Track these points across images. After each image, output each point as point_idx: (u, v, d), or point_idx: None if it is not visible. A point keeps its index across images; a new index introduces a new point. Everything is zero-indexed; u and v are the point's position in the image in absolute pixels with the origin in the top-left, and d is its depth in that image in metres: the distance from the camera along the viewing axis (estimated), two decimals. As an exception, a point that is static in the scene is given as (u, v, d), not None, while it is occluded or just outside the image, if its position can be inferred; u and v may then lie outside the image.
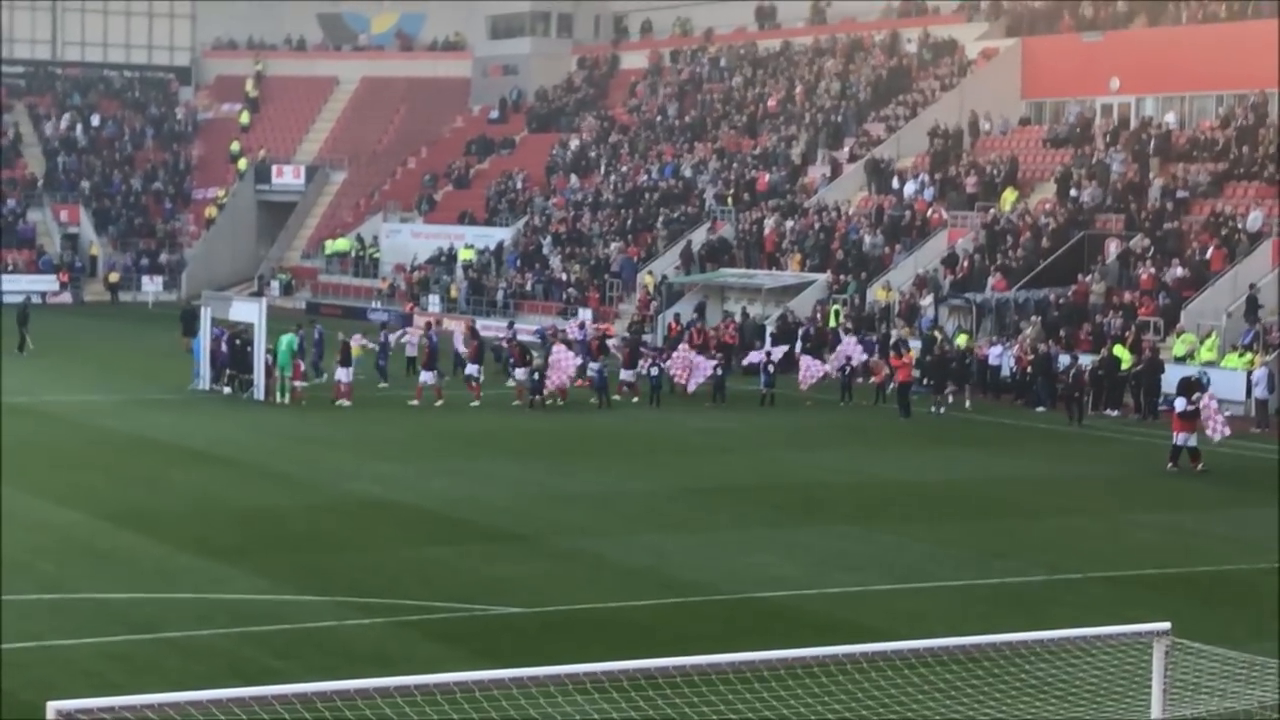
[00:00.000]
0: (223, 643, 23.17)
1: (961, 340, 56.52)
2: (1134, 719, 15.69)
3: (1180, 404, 40.84)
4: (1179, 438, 40.59)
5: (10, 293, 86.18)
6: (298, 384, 50.28)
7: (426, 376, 50.90)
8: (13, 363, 59.20)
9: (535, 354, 53.31)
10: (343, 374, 50.28)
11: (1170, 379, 49.80)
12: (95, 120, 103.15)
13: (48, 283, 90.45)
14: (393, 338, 56.80)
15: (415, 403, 50.00)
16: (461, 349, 54.28)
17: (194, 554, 28.86)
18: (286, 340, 50.51)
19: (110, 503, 33.52)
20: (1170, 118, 68.98)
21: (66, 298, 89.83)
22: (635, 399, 52.47)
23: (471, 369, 51.49)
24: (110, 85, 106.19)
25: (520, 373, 51.62)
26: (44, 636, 23.20)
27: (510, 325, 62.37)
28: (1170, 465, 40.43)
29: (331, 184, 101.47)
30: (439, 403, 49.97)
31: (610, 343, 57.05)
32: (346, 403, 49.60)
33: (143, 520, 31.71)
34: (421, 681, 13.98)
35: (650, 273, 73.96)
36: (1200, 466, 40.16)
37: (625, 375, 52.99)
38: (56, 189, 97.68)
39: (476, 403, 50.44)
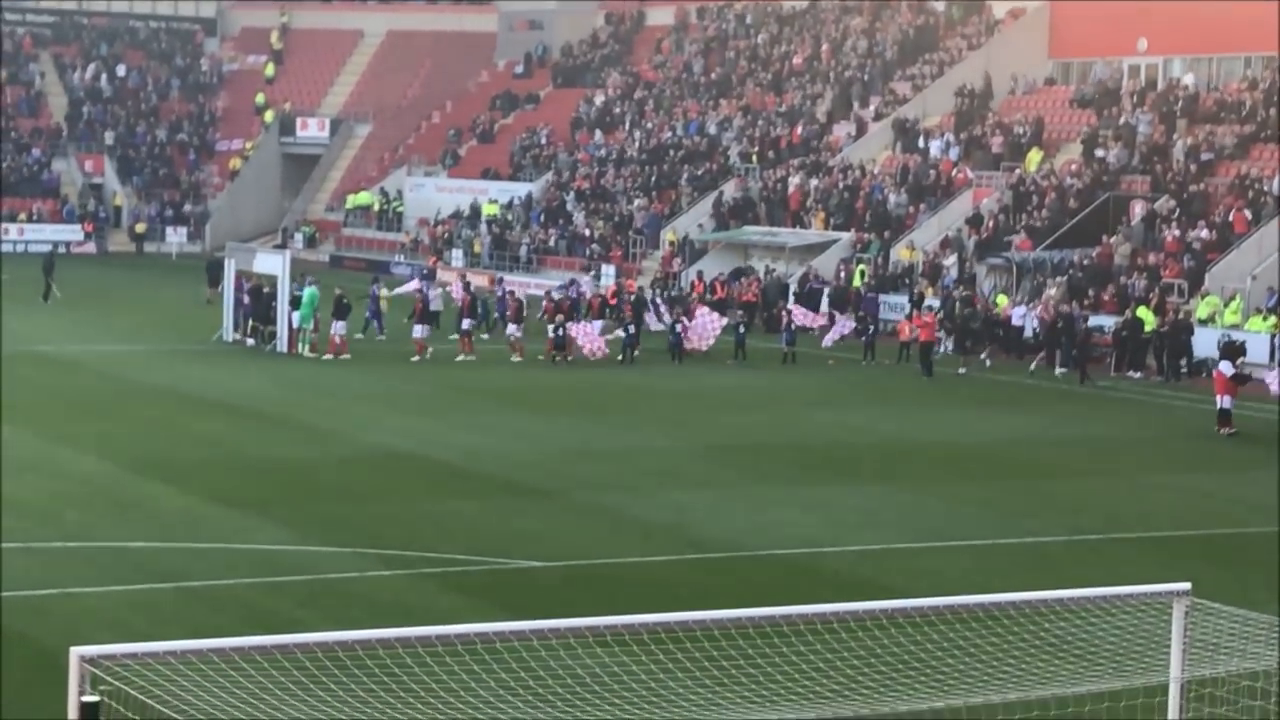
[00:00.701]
0: (246, 592, 23.29)
1: (1001, 301, 56.40)
2: (1153, 679, 15.72)
3: (1226, 368, 40.58)
4: (1224, 401, 40.20)
5: (35, 242, 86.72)
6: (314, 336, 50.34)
7: (418, 331, 50.64)
8: (38, 312, 59.40)
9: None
10: (338, 327, 50.14)
11: (1201, 342, 49.84)
12: (121, 70, 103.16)
13: (72, 232, 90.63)
14: (381, 291, 56.07)
15: (421, 356, 49.71)
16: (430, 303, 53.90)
17: (217, 504, 28.98)
18: (309, 293, 50.58)
19: (134, 452, 33.65)
20: (1189, 78, 68.58)
21: (90, 248, 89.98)
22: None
23: (465, 324, 51.17)
24: (136, 36, 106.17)
25: (513, 329, 51.29)
26: (68, 584, 23.32)
27: (499, 281, 62.14)
28: (1221, 430, 39.92)
29: (356, 137, 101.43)
30: (420, 357, 49.66)
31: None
32: (345, 355, 49.52)
33: (167, 470, 31.83)
34: (442, 632, 14.03)
35: (674, 230, 73.90)
36: (1225, 431, 40.02)
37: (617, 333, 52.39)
38: (81, 139, 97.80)
39: (462, 357, 50.03)
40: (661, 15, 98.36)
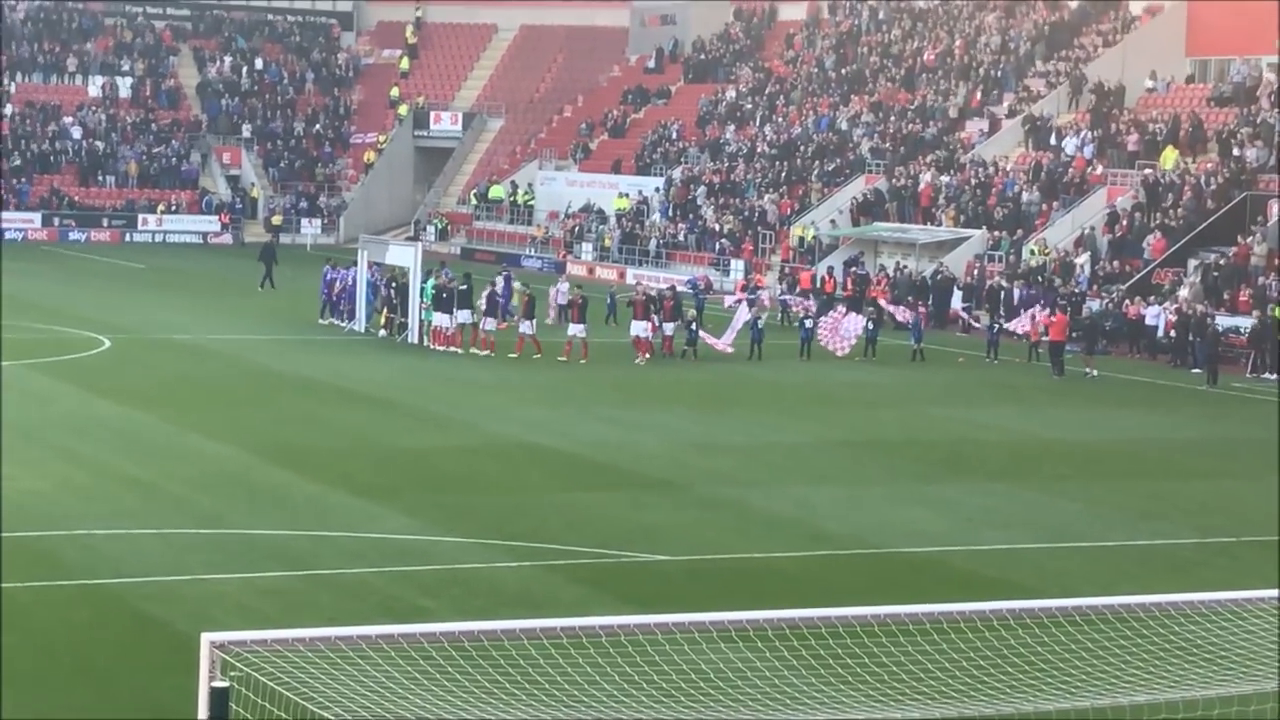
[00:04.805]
0: (373, 580, 23.49)
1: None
2: (1283, 684, 15.54)
3: None
4: None
5: (173, 232, 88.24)
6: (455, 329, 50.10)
7: (525, 326, 50.04)
8: (176, 300, 60.16)
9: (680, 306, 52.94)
10: (526, 326, 49.69)
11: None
12: (258, 64, 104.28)
13: (209, 223, 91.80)
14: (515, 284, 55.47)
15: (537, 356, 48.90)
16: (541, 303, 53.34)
17: (346, 492, 29.25)
18: (429, 285, 50.71)
19: (265, 439, 34.00)
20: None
21: (227, 238, 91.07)
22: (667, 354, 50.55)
23: (575, 329, 49.07)
24: (273, 30, 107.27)
25: (669, 327, 50.60)
26: (199, 570, 23.63)
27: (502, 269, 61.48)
28: None
29: (488, 131, 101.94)
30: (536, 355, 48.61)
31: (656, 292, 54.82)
32: (455, 349, 49.20)
33: (297, 457, 32.15)
34: (567, 624, 14.09)
35: (800, 225, 73.69)
36: None
37: (668, 329, 50.78)
38: (219, 131, 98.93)
39: (564, 358, 48.87)
40: (793, 11, 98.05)
